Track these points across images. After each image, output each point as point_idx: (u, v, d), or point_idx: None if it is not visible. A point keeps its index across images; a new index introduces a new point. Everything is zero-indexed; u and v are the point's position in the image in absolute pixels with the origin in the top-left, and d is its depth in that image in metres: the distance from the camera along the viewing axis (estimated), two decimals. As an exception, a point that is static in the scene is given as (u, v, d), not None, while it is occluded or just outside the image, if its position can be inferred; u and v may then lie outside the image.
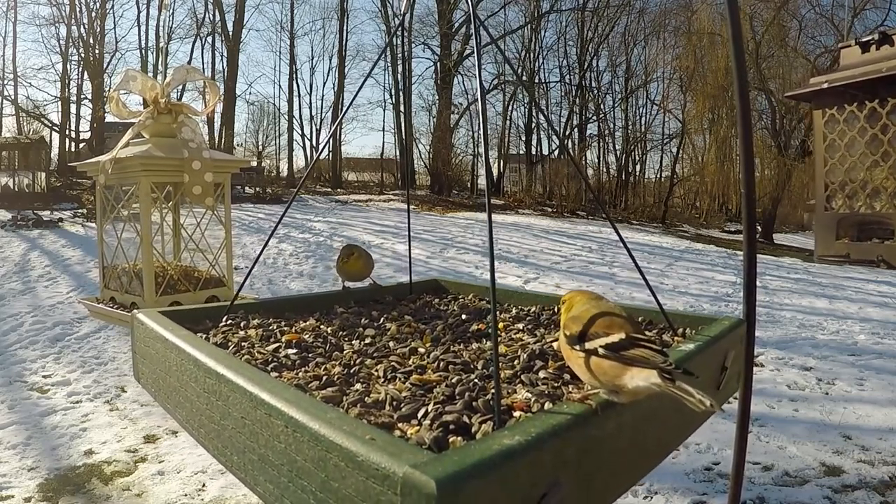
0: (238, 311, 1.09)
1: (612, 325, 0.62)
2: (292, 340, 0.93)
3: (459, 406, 0.64)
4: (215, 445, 0.73)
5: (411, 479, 0.44)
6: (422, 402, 0.67)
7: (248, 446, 0.64)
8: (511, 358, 0.85)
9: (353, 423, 0.55)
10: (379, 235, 10.86)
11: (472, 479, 0.45)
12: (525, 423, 0.55)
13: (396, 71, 21.92)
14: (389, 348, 0.92)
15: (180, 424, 0.83)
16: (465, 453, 0.47)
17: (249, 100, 28.83)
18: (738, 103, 0.68)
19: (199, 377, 0.75)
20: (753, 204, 0.70)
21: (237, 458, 0.67)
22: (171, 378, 0.85)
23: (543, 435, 0.52)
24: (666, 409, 0.72)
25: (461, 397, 0.68)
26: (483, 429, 0.59)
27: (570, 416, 0.56)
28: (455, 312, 1.17)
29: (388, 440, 0.51)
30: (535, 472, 0.50)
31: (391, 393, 0.70)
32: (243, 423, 0.65)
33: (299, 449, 0.56)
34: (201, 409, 0.75)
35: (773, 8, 18.19)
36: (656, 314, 1.00)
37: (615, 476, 0.63)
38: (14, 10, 19.68)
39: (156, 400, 0.93)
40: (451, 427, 0.60)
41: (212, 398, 0.72)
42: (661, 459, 0.74)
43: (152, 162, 1.72)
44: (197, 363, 0.76)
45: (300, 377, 0.77)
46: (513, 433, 0.51)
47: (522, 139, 25.40)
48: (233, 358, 0.79)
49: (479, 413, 0.63)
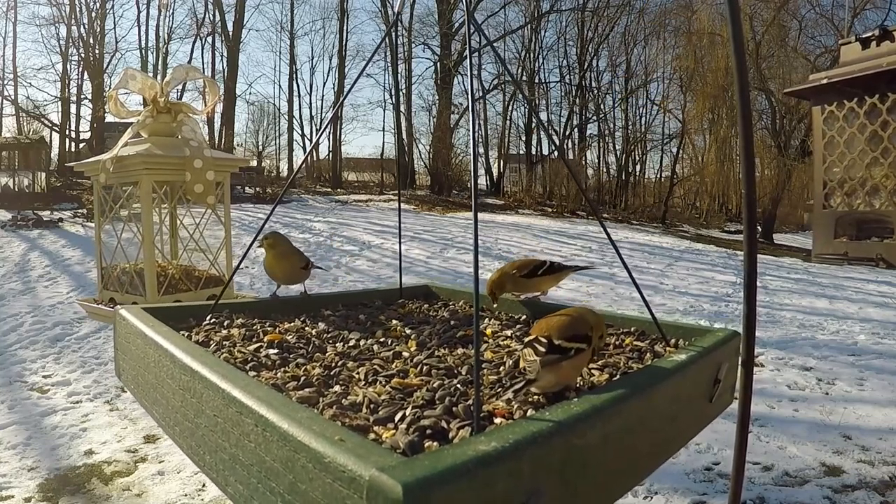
0: (223, 311, 1.08)
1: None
2: (274, 341, 0.92)
3: (439, 411, 0.63)
4: (189, 444, 0.71)
5: (377, 482, 0.42)
6: (400, 405, 0.66)
7: (220, 445, 0.63)
8: (496, 364, 0.84)
9: (324, 423, 0.54)
10: (379, 235, 10.87)
11: (443, 484, 0.43)
12: (504, 429, 0.53)
13: (396, 71, 21.93)
14: (373, 352, 0.90)
15: (157, 422, 0.82)
16: (436, 458, 0.46)
17: (249, 100, 28.90)
18: (738, 103, 0.67)
19: (175, 374, 0.74)
20: (753, 204, 0.69)
21: (209, 457, 0.66)
22: (149, 374, 0.84)
23: (522, 442, 0.50)
24: (655, 419, 0.71)
25: (441, 402, 0.66)
26: (461, 434, 0.58)
27: (552, 424, 0.54)
28: (444, 318, 1.15)
29: (358, 442, 0.50)
30: (513, 480, 0.49)
31: (370, 395, 0.68)
32: (216, 421, 0.64)
33: (268, 449, 0.54)
34: (176, 407, 0.74)
35: (773, 8, 18.19)
36: (649, 324, 0.99)
37: (602, 485, 0.62)
38: (14, 10, 19.72)
39: (135, 397, 0.91)
40: (427, 432, 0.58)
41: (186, 395, 0.71)
42: (652, 469, 0.73)
43: (154, 160, 1.72)
44: (173, 359, 0.75)
45: (278, 377, 0.75)
46: (490, 439, 0.50)
47: (522, 139, 25.45)
48: (209, 355, 0.78)
49: (459, 418, 0.61)
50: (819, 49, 19.90)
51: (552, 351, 0.69)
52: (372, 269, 8.31)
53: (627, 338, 0.99)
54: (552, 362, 0.68)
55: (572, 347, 0.70)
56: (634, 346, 0.94)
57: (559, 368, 0.69)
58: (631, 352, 0.92)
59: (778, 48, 18.84)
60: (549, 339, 0.71)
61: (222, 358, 0.82)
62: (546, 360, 0.68)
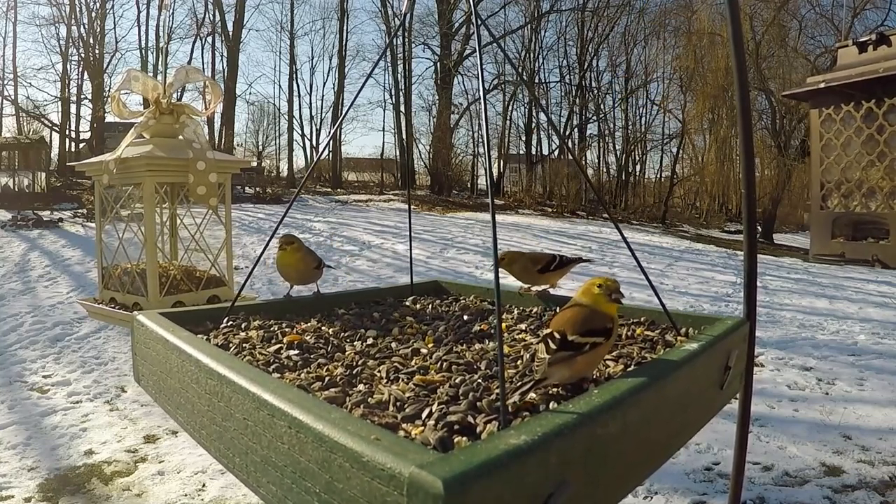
0: (239, 313, 1.09)
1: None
2: (294, 341, 0.93)
3: (464, 406, 0.64)
4: (217, 447, 0.72)
5: (418, 479, 0.44)
6: (425, 402, 0.67)
7: (251, 448, 0.64)
8: (514, 358, 0.85)
9: (357, 423, 0.55)
10: (379, 235, 10.87)
11: (479, 478, 0.44)
12: (531, 422, 0.55)
13: (396, 71, 21.93)
14: (391, 349, 0.91)
15: (181, 426, 0.83)
16: (471, 453, 0.47)
17: (249, 100, 28.91)
18: (738, 103, 0.68)
19: (201, 379, 0.75)
20: (753, 204, 0.70)
21: (239, 459, 0.67)
22: (171, 380, 0.85)
23: (549, 435, 0.52)
24: (670, 408, 0.72)
25: (465, 398, 0.68)
26: (488, 429, 0.59)
27: (576, 416, 0.56)
28: (457, 314, 1.17)
29: (394, 440, 0.51)
30: (542, 471, 0.50)
31: (394, 393, 0.70)
32: (246, 424, 0.65)
33: (303, 450, 0.56)
34: (203, 411, 0.75)
35: (773, 8, 18.19)
36: (659, 314, 1.00)
37: (621, 475, 0.63)
38: (14, 10, 19.72)
39: (156, 402, 0.92)
40: (455, 427, 0.59)
41: (213, 400, 0.72)
42: (666, 458, 0.74)
43: (157, 162, 1.72)
44: (198, 365, 0.76)
45: (302, 378, 0.77)
46: (519, 433, 0.51)
47: (522, 139, 25.44)
48: (234, 359, 0.79)
49: (484, 413, 0.63)
50: (819, 49, 19.90)
51: (564, 347, 0.69)
52: (372, 269, 8.31)
53: (638, 328, 1.00)
54: (562, 360, 0.68)
55: (587, 342, 0.70)
56: (646, 336, 0.95)
57: (573, 364, 0.69)
58: (643, 342, 0.93)
59: (778, 48, 18.83)
60: (563, 334, 0.71)
61: (245, 361, 0.82)
62: (554, 358, 0.68)
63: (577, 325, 0.71)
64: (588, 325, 0.72)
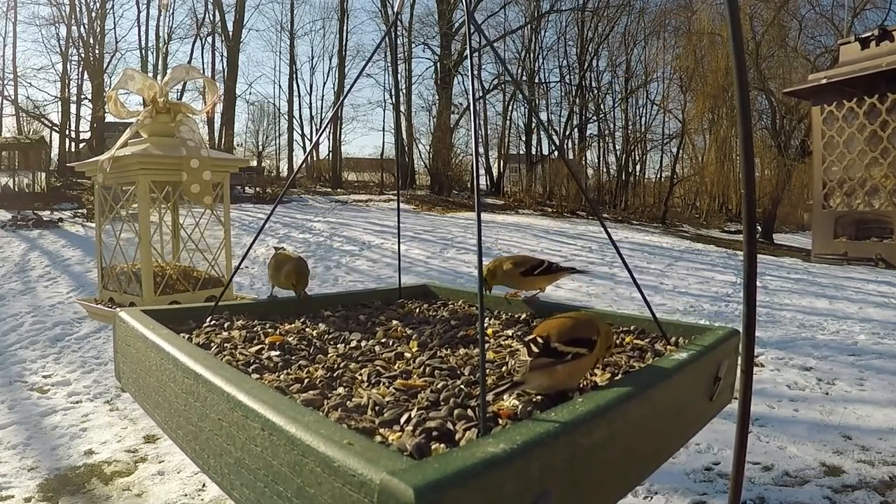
0: (223, 312, 1.08)
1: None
2: (275, 342, 0.92)
3: (444, 412, 0.63)
4: (192, 448, 0.71)
5: (388, 486, 0.42)
6: (405, 407, 0.65)
7: (225, 449, 0.63)
8: (499, 364, 0.84)
9: (331, 427, 0.53)
10: (379, 235, 10.87)
11: (453, 487, 0.43)
12: (511, 430, 0.53)
13: (396, 71, 21.92)
14: (375, 353, 0.90)
15: (159, 426, 0.82)
16: (446, 461, 0.46)
17: (249, 100, 28.94)
18: (738, 103, 0.67)
19: (178, 377, 0.74)
20: (753, 204, 0.69)
21: (214, 461, 0.66)
22: (150, 378, 0.83)
23: (530, 443, 0.50)
24: (657, 418, 0.71)
25: (446, 403, 0.66)
26: (467, 436, 0.58)
27: (558, 425, 0.54)
28: (444, 318, 1.15)
29: (367, 445, 0.50)
30: (521, 481, 0.49)
31: (374, 397, 0.68)
32: (220, 424, 0.63)
33: (276, 453, 0.54)
34: (179, 410, 0.73)
35: (773, 8, 18.19)
36: (649, 323, 0.99)
37: (605, 485, 0.62)
38: (14, 10, 19.72)
39: (136, 400, 0.91)
40: (434, 433, 0.58)
41: (190, 399, 0.70)
42: (653, 469, 0.73)
43: (150, 160, 1.71)
44: (176, 363, 0.74)
45: (282, 379, 0.75)
46: (497, 441, 0.49)
47: (522, 139, 25.44)
48: (212, 358, 0.77)
49: (464, 420, 0.61)
50: (819, 49, 19.91)
51: (546, 353, 0.68)
52: (372, 269, 8.31)
53: (628, 336, 0.99)
54: (543, 366, 0.67)
55: (570, 352, 0.68)
56: (635, 345, 0.94)
57: (553, 372, 0.67)
58: (632, 350, 0.91)
59: (778, 48, 18.84)
60: (546, 340, 0.69)
61: (224, 360, 0.81)
62: (537, 363, 0.67)
63: (561, 333, 0.70)
64: (573, 335, 0.70)
